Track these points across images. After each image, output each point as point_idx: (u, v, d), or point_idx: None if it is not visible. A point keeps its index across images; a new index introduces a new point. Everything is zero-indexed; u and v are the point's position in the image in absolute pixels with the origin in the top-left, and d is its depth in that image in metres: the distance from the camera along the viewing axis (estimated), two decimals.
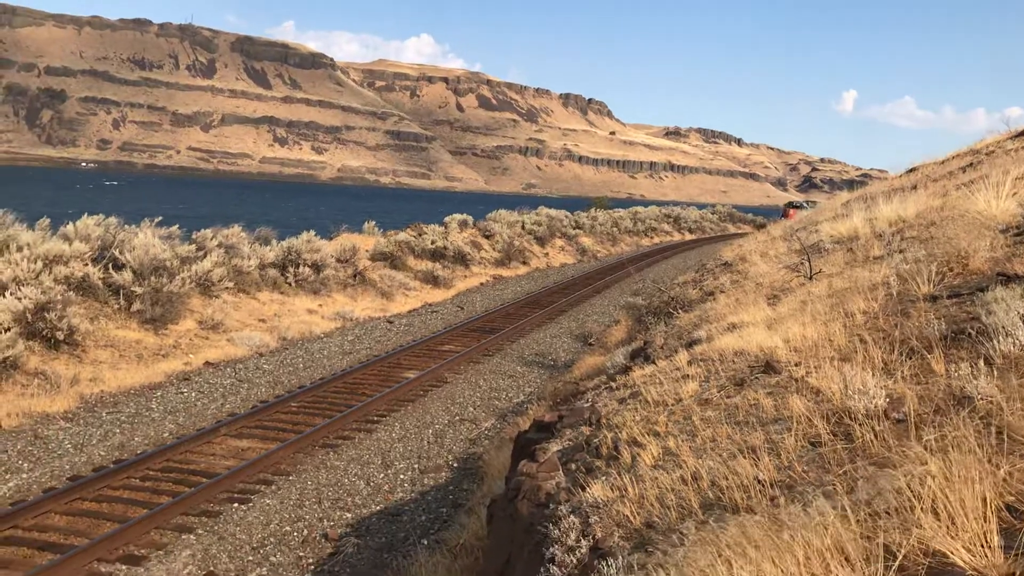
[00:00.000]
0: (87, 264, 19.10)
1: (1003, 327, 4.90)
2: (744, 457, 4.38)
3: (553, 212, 55.67)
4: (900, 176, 24.83)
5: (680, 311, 15.22)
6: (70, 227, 20.17)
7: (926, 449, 3.50)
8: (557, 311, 28.49)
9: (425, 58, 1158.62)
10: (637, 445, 5.29)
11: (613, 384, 8.33)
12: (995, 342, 4.77)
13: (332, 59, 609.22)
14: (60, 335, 16.25)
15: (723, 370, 6.55)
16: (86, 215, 20.97)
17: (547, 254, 47.99)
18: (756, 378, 5.91)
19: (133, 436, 13.45)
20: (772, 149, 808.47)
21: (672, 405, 6.04)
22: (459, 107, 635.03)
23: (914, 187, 18.82)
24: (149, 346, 18.33)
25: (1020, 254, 6.89)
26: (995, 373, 4.31)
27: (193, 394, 15.96)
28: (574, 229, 55.41)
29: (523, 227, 48.33)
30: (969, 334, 5.16)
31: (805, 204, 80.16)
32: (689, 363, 7.34)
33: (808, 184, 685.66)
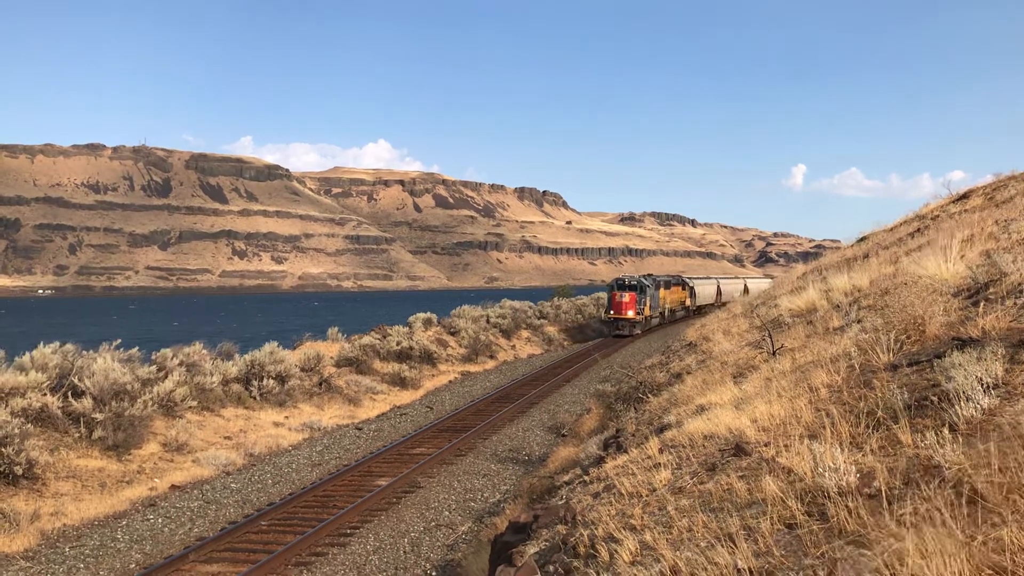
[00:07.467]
0: (45, 394, 18.67)
1: (963, 392, 4.95)
2: (722, 546, 4.31)
3: (517, 304, 55.80)
4: (852, 246, 25.39)
5: (649, 395, 15.21)
6: (26, 357, 19.78)
7: (900, 525, 3.48)
8: (528, 403, 28.29)
9: (383, 163, 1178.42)
10: (614, 541, 5.19)
11: (587, 477, 8.23)
12: (957, 408, 4.81)
13: (287, 170, 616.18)
14: (19, 470, 15.75)
15: (694, 455, 6.51)
16: (42, 344, 20.60)
17: (514, 346, 47.94)
18: (727, 462, 5.88)
19: (98, 570, 12.94)
20: (726, 227, 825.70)
21: (646, 496, 5.97)
22: (416, 207, 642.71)
23: (866, 256, 19.24)
24: (112, 473, 17.81)
25: (973, 317, 7.01)
26: (960, 440, 4.32)
27: (159, 520, 15.45)
28: (539, 319, 55.57)
29: (488, 321, 48.35)
30: (932, 401, 5.20)
31: (645, 281, 55.43)
32: (660, 451, 7.29)
33: (764, 259, 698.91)
